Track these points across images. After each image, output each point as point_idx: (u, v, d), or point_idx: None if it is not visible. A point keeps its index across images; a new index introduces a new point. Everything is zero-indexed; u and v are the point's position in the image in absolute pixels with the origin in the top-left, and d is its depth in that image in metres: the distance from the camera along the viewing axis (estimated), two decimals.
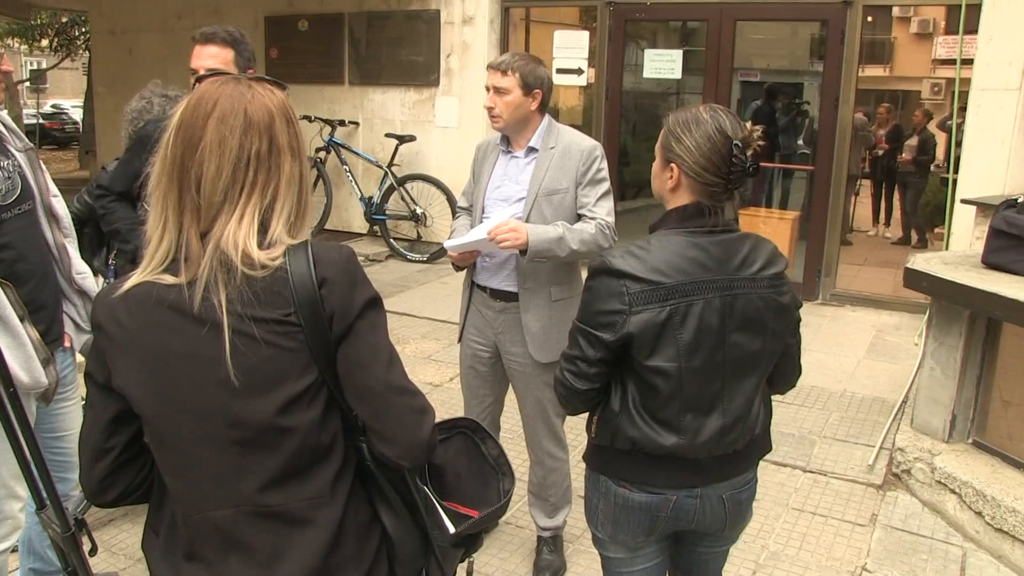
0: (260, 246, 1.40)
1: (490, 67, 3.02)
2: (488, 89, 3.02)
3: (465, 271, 3.23)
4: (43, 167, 2.60)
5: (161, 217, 1.43)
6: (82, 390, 2.83)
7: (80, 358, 2.74)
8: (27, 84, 25.33)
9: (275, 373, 1.40)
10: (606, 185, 3.02)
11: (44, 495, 1.83)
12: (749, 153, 1.92)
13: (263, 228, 1.41)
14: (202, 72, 2.86)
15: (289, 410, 1.41)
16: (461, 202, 3.34)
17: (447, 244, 3.02)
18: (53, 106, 27.96)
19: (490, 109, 3.01)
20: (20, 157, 2.49)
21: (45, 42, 20.04)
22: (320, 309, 1.40)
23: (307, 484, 1.46)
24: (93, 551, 1.92)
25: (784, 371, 2.15)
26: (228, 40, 3.01)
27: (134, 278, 1.43)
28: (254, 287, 1.37)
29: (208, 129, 1.40)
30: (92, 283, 2.69)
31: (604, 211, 2.97)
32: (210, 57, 2.96)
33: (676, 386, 1.93)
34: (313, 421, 1.44)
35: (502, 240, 2.81)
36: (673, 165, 1.98)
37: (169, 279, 1.40)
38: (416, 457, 1.52)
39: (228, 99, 1.42)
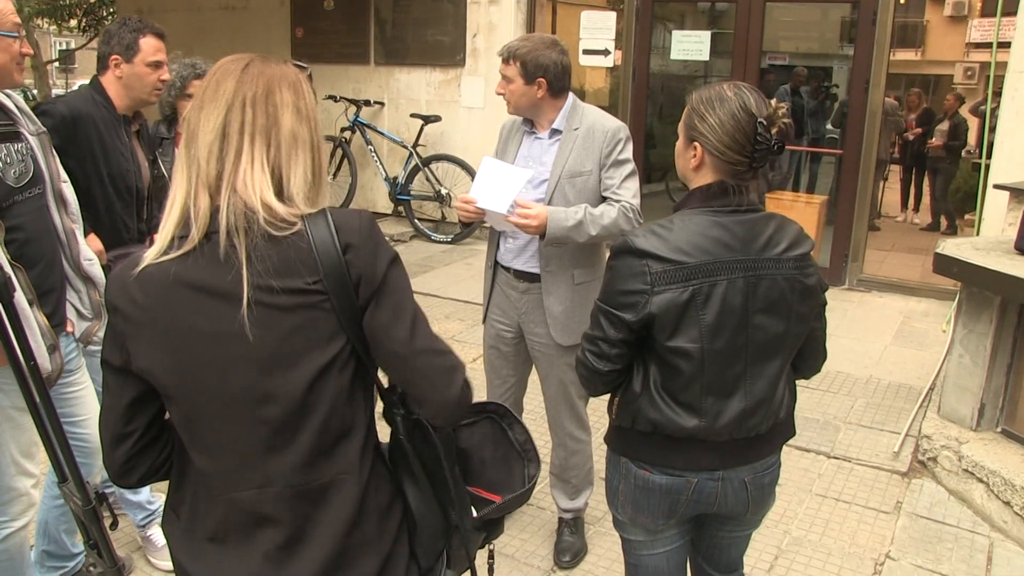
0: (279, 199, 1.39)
1: (500, 53, 2.98)
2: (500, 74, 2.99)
3: (487, 251, 3.22)
4: (54, 152, 2.60)
5: (174, 183, 1.43)
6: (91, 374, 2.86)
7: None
8: (56, 64, 25.53)
9: (303, 343, 1.39)
10: (630, 166, 2.97)
11: (65, 469, 1.84)
12: (774, 131, 1.88)
13: (278, 183, 1.40)
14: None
15: (319, 381, 1.40)
16: None
17: (472, 195, 2.94)
18: (81, 86, 28.12)
19: (501, 95, 2.99)
20: (33, 141, 2.50)
21: (74, 22, 20.15)
22: (346, 275, 1.39)
23: (333, 460, 1.46)
24: (114, 525, 1.93)
25: (808, 355, 2.12)
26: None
27: (147, 258, 1.40)
28: (273, 252, 1.36)
29: (209, 87, 1.42)
30: (99, 270, 2.71)
31: (629, 193, 2.93)
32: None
33: (698, 368, 1.90)
34: (342, 390, 1.43)
35: (519, 225, 2.81)
36: (696, 144, 1.94)
37: (175, 255, 1.38)
38: (450, 415, 1.53)
39: (231, 60, 1.44)
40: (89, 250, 2.71)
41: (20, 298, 2.28)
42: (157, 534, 3.21)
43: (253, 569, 1.47)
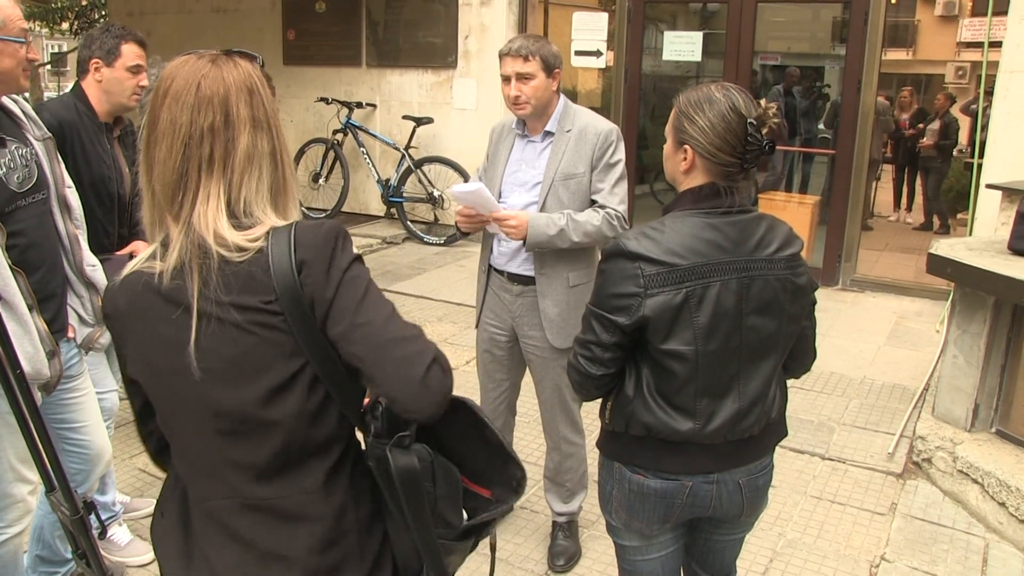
0: (237, 227, 1.37)
1: (508, 54, 2.93)
2: (508, 78, 2.93)
3: (481, 254, 3.20)
4: (59, 158, 2.62)
5: (144, 204, 1.43)
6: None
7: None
8: (48, 67, 25.46)
9: (257, 362, 1.36)
10: (620, 170, 2.96)
11: (53, 478, 1.82)
12: (765, 131, 1.87)
13: (233, 207, 1.38)
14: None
15: (273, 401, 1.37)
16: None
17: (455, 189, 2.89)
18: (63, 93, 27.97)
19: (516, 97, 2.92)
20: (38, 146, 2.51)
21: (65, 25, 20.07)
22: (300, 295, 1.35)
23: (300, 478, 1.43)
24: (103, 534, 1.92)
25: (799, 354, 2.11)
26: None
27: (130, 265, 1.43)
28: (231, 272, 1.34)
29: (163, 110, 1.38)
30: (102, 275, 2.71)
31: (616, 200, 2.92)
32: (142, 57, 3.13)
33: (692, 370, 1.89)
34: (301, 412, 1.39)
35: (503, 229, 2.85)
36: (687, 147, 1.93)
37: (157, 266, 1.38)
38: (420, 404, 1.36)
39: (183, 77, 1.39)
40: (92, 256, 2.72)
41: (19, 302, 2.27)
42: (118, 533, 3.23)
43: None
